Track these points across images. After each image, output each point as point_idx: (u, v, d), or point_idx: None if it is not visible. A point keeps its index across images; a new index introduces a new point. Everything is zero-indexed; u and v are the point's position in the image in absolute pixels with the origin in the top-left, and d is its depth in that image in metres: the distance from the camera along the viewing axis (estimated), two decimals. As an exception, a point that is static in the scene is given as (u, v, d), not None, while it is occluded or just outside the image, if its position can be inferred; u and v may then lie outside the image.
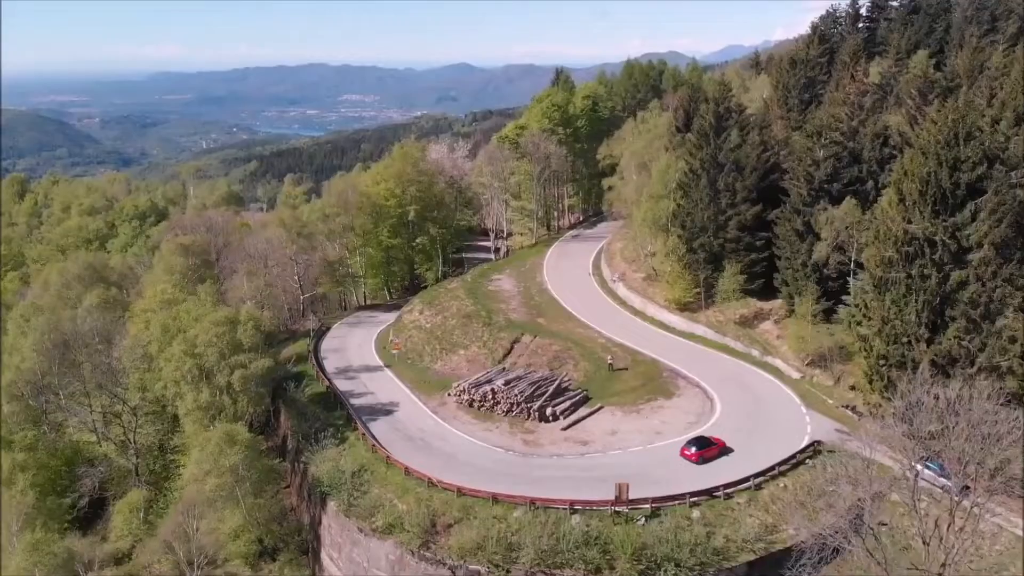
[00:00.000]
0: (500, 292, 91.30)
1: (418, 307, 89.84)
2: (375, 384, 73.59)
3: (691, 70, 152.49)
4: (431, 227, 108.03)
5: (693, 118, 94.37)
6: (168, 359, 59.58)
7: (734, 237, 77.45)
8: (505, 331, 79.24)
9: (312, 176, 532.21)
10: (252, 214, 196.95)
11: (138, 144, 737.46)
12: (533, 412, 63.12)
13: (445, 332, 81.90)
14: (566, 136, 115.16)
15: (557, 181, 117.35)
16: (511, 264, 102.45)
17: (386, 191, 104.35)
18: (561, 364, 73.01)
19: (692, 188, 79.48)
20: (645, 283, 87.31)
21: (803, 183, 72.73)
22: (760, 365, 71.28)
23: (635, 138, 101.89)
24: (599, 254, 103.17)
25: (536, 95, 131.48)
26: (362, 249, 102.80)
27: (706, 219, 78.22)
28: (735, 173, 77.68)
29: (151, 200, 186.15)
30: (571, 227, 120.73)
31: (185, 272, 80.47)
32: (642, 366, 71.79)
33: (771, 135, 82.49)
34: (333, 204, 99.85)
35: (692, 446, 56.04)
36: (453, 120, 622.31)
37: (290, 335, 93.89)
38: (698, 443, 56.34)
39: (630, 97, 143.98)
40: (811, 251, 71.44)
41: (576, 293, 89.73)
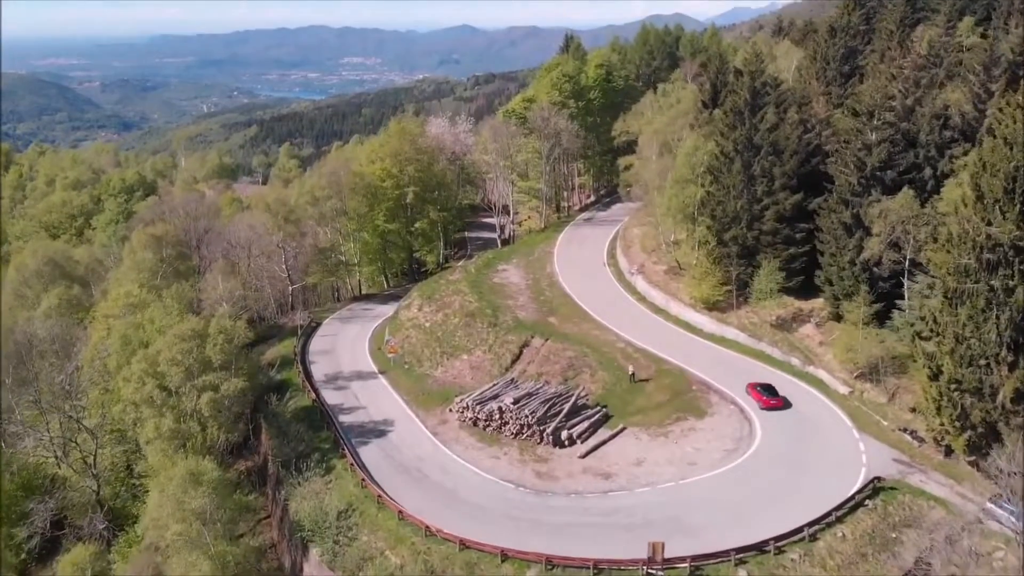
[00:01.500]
0: (507, 285, 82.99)
1: (416, 302, 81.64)
2: (367, 395, 65.79)
3: (709, 36, 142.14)
4: (431, 210, 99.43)
5: (721, 92, 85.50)
6: (126, 379, 51.69)
7: (771, 229, 68.87)
8: (513, 333, 71.18)
9: (312, 142, 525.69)
10: (244, 187, 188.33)
11: (138, 108, 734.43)
12: (546, 436, 55.28)
13: (446, 333, 73.83)
14: (578, 110, 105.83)
15: (567, 158, 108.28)
16: (518, 252, 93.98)
17: (382, 171, 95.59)
18: (576, 374, 65.07)
19: (723, 173, 70.73)
20: (667, 276, 78.91)
21: (852, 170, 63.92)
22: (801, 376, 63.24)
23: (655, 113, 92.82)
24: (614, 240, 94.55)
25: (545, 64, 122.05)
26: (356, 234, 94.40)
27: (739, 208, 69.61)
28: (772, 157, 68.89)
29: (139, 173, 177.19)
30: (583, 209, 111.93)
31: (157, 268, 72.20)
32: (668, 377, 63.78)
33: (811, 113, 73.44)
34: (324, 186, 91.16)
35: (763, 392, 59.48)
36: (455, 83, 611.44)
37: (277, 331, 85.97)
38: (768, 390, 59.73)
39: (645, 65, 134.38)
40: (860, 247, 62.91)
41: (590, 287, 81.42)
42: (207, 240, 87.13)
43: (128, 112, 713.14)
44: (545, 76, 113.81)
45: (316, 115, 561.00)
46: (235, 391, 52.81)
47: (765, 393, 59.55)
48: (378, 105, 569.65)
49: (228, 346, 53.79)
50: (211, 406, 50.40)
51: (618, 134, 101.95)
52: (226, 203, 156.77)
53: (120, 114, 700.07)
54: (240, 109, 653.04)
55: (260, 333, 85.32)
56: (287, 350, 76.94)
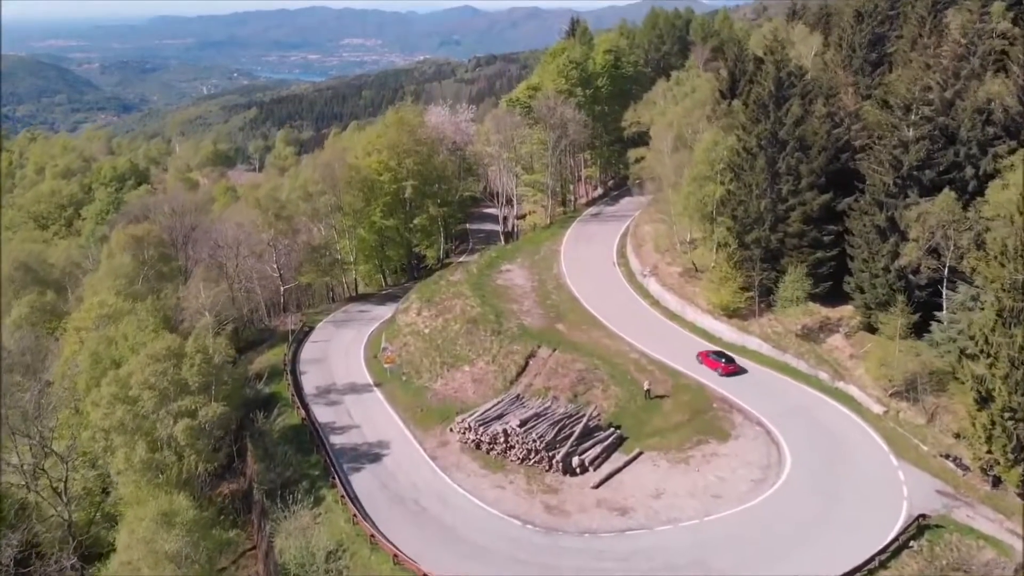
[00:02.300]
0: (511, 288, 78.10)
1: (415, 305, 76.82)
2: (362, 411, 61.11)
3: (721, 20, 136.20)
4: (431, 205, 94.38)
5: (739, 81, 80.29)
6: (95, 403, 46.99)
7: (797, 231, 63.81)
8: (518, 342, 66.37)
9: (312, 124, 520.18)
10: (240, 174, 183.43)
11: (138, 89, 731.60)
12: (556, 463, 50.60)
13: (446, 341, 69.04)
14: (585, 98, 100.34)
15: (573, 149, 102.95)
16: (522, 250, 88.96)
17: (379, 164, 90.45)
18: (587, 388, 60.31)
19: (745, 170, 65.60)
20: (682, 279, 73.96)
21: (887, 169, 58.79)
22: (830, 393, 58.43)
23: (668, 103, 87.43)
24: (624, 238, 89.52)
25: (549, 49, 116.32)
26: (352, 231, 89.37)
27: (762, 208, 64.55)
28: (799, 153, 63.72)
29: (130, 161, 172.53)
30: (590, 203, 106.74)
31: (137, 271, 67.29)
32: (686, 393, 59.00)
33: (839, 105, 68.12)
34: (317, 180, 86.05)
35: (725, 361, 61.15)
36: (456, 65, 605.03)
37: (268, 335, 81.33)
38: (723, 357, 61.67)
39: (654, 50, 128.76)
40: (896, 253, 57.94)
41: (600, 290, 76.51)
42: (194, 238, 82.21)
43: (128, 94, 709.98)
44: (550, 62, 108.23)
45: (316, 97, 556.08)
46: (215, 417, 48.10)
47: (722, 360, 61.33)
48: (378, 87, 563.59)
49: (207, 366, 49.02)
50: (188, 434, 45.71)
51: (628, 124, 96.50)
52: (220, 192, 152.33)
53: (120, 96, 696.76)
54: (240, 91, 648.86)
55: (250, 338, 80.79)
56: (277, 358, 72.22)
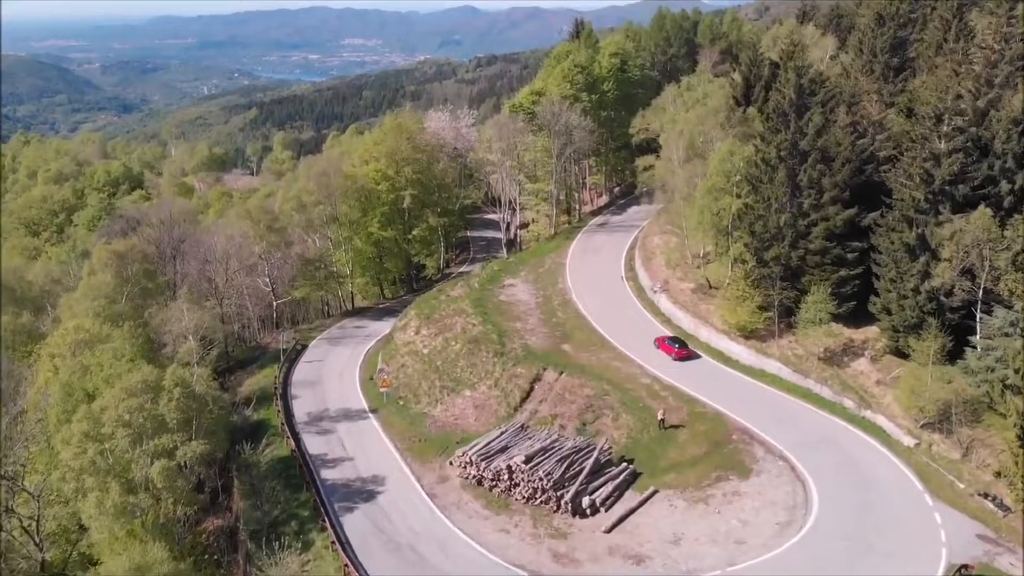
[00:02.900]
0: (514, 304, 74.30)
1: (414, 322, 73.04)
2: (356, 441, 57.36)
3: (730, 21, 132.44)
4: (431, 215, 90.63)
5: (754, 87, 76.50)
6: (66, 441, 43.26)
7: (819, 248, 59.96)
8: (522, 364, 62.60)
9: (313, 124, 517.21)
10: (236, 178, 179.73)
11: (139, 90, 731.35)
12: (565, 504, 46.83)
13: (446, 363, 65.29)
14: (591, 104, 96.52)
15: (578, 156, 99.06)
16: (526, 263, 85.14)
17: (376, 172, 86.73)
18: (596, 416, 56.57)
19: (764, 183, 61.76)
20: (695, 296, 70.16)
21: (917, 183, 54.97)
22: (857, 422, 54.64)
23: (678, 109, 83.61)
24: (632, 249, 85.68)
25: (553, 51, 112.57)
26: (348, 242, 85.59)
27: (782, 223, 60.70)
28: (822, 165, 59.90)
29: (124, 165, 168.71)
30: (596, 212, 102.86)
31: (120, 290, 63.46)
32: (703, 422, 55.20)
33: (862, 114, 64.27)
34: (312, 190, 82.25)
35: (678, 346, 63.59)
36: (457, 65, 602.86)
37: (260, 353, 77.63)
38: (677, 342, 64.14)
39: (661, 52, 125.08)
40: (927, 273, 54.16)
41: (608, 307, 72.68)
42: (183, 251, 78.45)
43: (128, 94, 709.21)
44: (554, 66, 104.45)
45: (316, 98, 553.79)
46: (194, 456, 44.35)
47: (675, 345, 63.79)
48: (379, 87, 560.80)
49: (187, 401, 45.27)
50: (165, 476, 41.99)
51: (636, 131, 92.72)
52: (215, 197, 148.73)
53: (120, 96, 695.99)
54: (240, 91, 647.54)
55: (241, 356, 77.16)
56: (268, 380, 68.43)
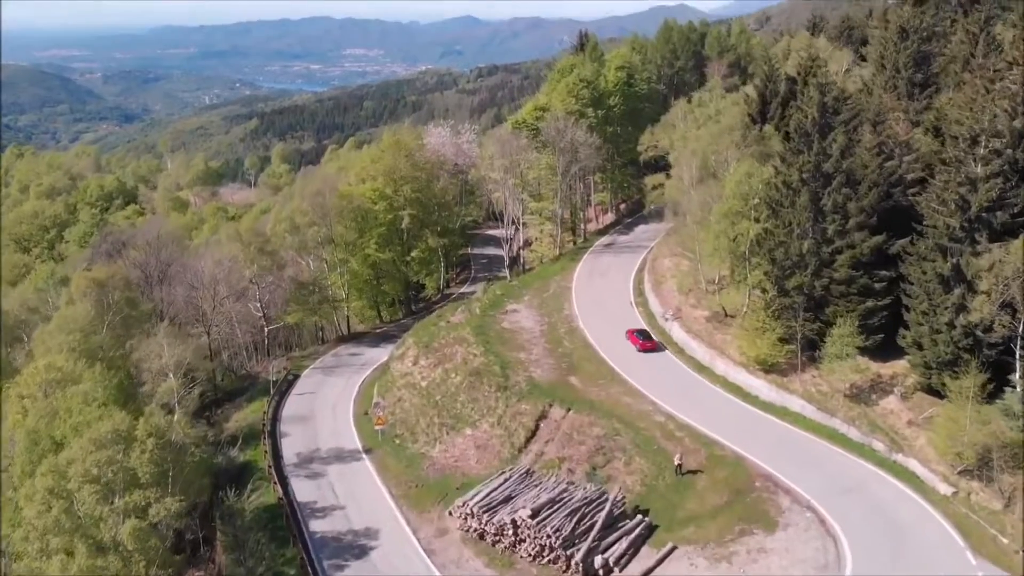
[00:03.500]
0: (518, 332, 70.38)
1: (412, 351, 69.12)
2: (348, 487, 53.39)
3: (739, 34, 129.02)
4: (430, 235, 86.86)
5: (770, 103, 72.79)
6: (29, 497, 39.33)
7: (845, 277, 56.04)
8: (527, 399, 58.69)
9: (314, 135, 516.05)
10: (232, 192, 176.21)
11: (141, 99, 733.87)
12: (575, 564, 42.81)
13: (446, 397, 61.39)
14: (597, 119, 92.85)
15: (584, 172, 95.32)
16: (530, 286, 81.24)
17: (373, 192, 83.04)
18: (607, 460, 52.59)
19: (785, 207, 57.91)
20: (711, 325, 66.20)
21: (952, 210, 51.14)
22: (888, 467, 50.62)
23: (688, 125, 79.94)
24: (641, 272, 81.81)
25: (557, 65, 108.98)
26: (343, 264, 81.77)
27: (805, 250, 56.83)
28: (847, 188, 56.08)
29: (118, 179, 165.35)
30: (602, 231, 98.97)
31: (100, 320, 59.60)
32: (723, 467, 51.19)
33: (888, 134, 60.48)
34: (305, 210, 78.50)
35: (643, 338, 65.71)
36: (458, 75, 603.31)
37: (250, 383, 73.79)
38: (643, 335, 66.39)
39: (667, 65, 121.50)
40: (963, 306, 50.30)
41: (617, 335, 68.65)
42: (170, 275, 74.68)
43: (130, 104, 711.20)
44: (559, 80, 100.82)
45: (317, 108, 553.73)
46: (169, 514, 40.35)
47: (640, 337, 66.12)
48: (380, 97, 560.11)
49: (161, 453, 41.31)
50: (136, 537, 38.04)
51: (644, 148, 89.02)
52: (210, 213, 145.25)
53: (122, 106, 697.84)
54: (242, 101, 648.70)
55: (229, 387, 73.30)
56: (256, 414, 64.51)
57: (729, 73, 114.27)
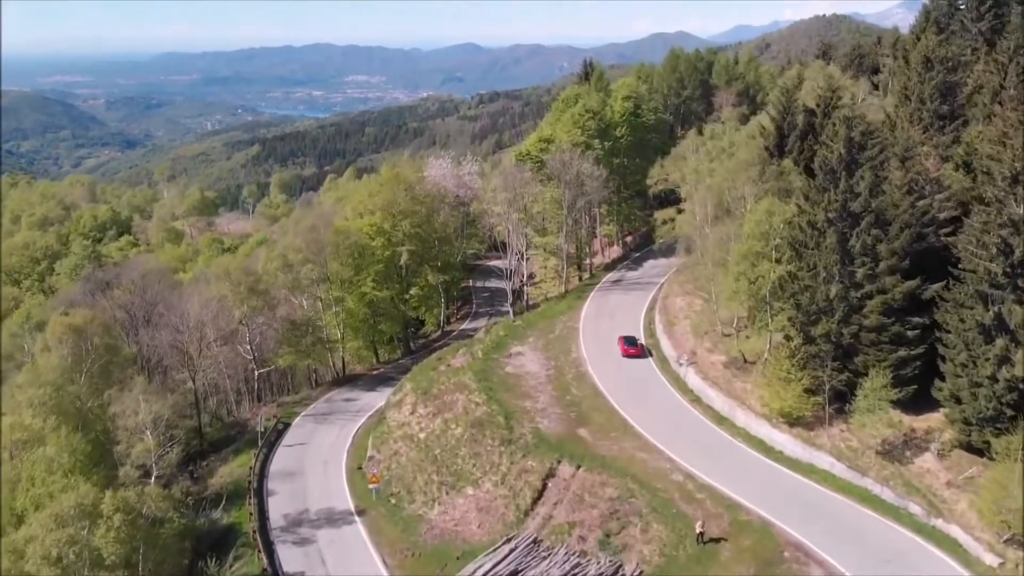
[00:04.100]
0: (522, 377, 66.28)
1: (409, 398, 64.96)
2: (339, 555, 49.00)
3: (747, 62, 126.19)
4: (430, 272, 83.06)
5: (788, 136, 69.29)
6: (-22, 582, 35.24)
7: (875, 324, 52.07)
8: (533, 455, 54.44)
9: (315, 161, 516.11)
10: (228, 223, 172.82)
11: (143, 125, 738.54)
12: (589, 655, 38.46)
13: (446, 451, 57.16)
14: (603, 151, 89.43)
15: (590, 205, 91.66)
16: (535, 327, 77.23)
17: (371, 227, 79.36)
18: (622, 526, 48.23)
19: (810, 249, 54.08)
20: (729, 372, 62.07)
21: (994, 254, 47.29)
22: (927, 534, 46.27)
23: (700, 158, 76.43)
24: (652, 310, 77.95)
25: (562, 95, 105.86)
26: (339, 303, 77.85)
27: (832, 296, 52.93)
28: (876, 229, 52.28)
29: (112, 209, 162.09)
30: (609, 266, 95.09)
31: (78, 368, 55.60)
32: (748, 533, 46.87)
33: (918, 170, 56.81)
34: (299, 247, 74.76)
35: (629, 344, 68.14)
36: (459, 102, 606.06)
37: (239, 431, 69.58)
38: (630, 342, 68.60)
39: (674, 94, 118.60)
40: (1006, 358, 46.30)
41: (628, 381, 64.68)
42: (156, 315, 70.77)
43: (132, 129, 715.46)
44: (563, 110, 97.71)
45: (319, 134, 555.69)
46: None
47: (627, 343, 68.60)
48: (381, 124, 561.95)
49: (130, 530, 37.12)
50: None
51: (655, 182, 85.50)
52: (205, 244, 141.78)
53: (124, 132, 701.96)
54: (244, 127, 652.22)
55: (214, 437, 69.09)
56: (243, 468, 60.26)
57: (738, 102, 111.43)
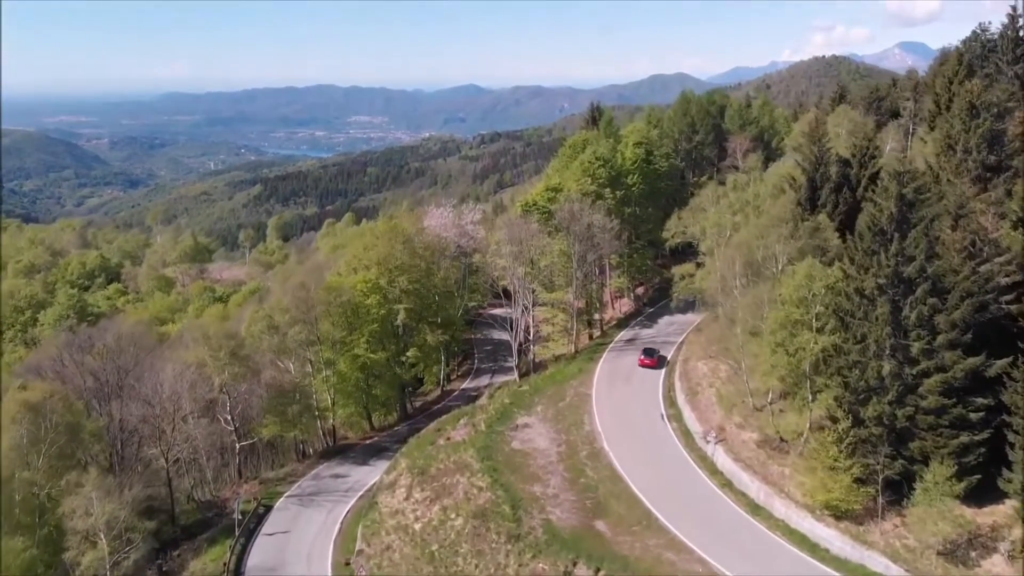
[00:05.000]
0: (530, 455, 59.62)
1: (404, 480, 58.27)
2: None
3: (761, 106, 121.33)
4: (428, 331, 76.86)
5: (821, 188, 63.50)
6: None
7: (934, 406, 45.73)
8: (545, 555, 47.70)
9: (316, 201, 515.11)
10: (222, 269, 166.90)
11: (146, 165, 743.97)
12: None
13: (444, 547, 50.39)
14: (615, 201, 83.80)
15: (600, 257, 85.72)
16: (543, 393, 70.74)
17: (365, 283, 73.33)
18: (650, 649, 41.36)
19: (858, 319, 47.90)
20: (763, 452, 55.36)
21: (1076, 328, 41.17)
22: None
23: (722, 211, 70.69)
24: (671, 374, 71.56)
25: (569, 140, 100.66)
26: (329, 366, 71.52)
27: (885, 373, 46.63)
28: (933, 298, 46.14)
29: (101, 256, 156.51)
30: (622, 322, 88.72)
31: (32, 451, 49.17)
32: (797, 660, 39.98)
33: (973, 228, 50.85)
34: (286, 307, 68.65)
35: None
36: (461, 142, 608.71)
37: (215, 514, 62.77)
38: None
39: (685, 139, 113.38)
40: (1092, 449, 39.91)
41: (650, 461, 57.99)
42: (129, 383, 64.37)
43: (135, 169, 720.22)
44: (571, 156, 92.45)
45: (321, 174, 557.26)
46: None
47: (644, 355, 72.68)
48: (384, 164, 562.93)
49: None
50: None
51: (672, 235, 79.68)
52: (196, 292, 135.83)
53: (127, 171, 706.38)
54: (246, 167, 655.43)
55: (188, 522, 62.26)
56: (217, 562, 53.35)
57: (752, 147, 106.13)
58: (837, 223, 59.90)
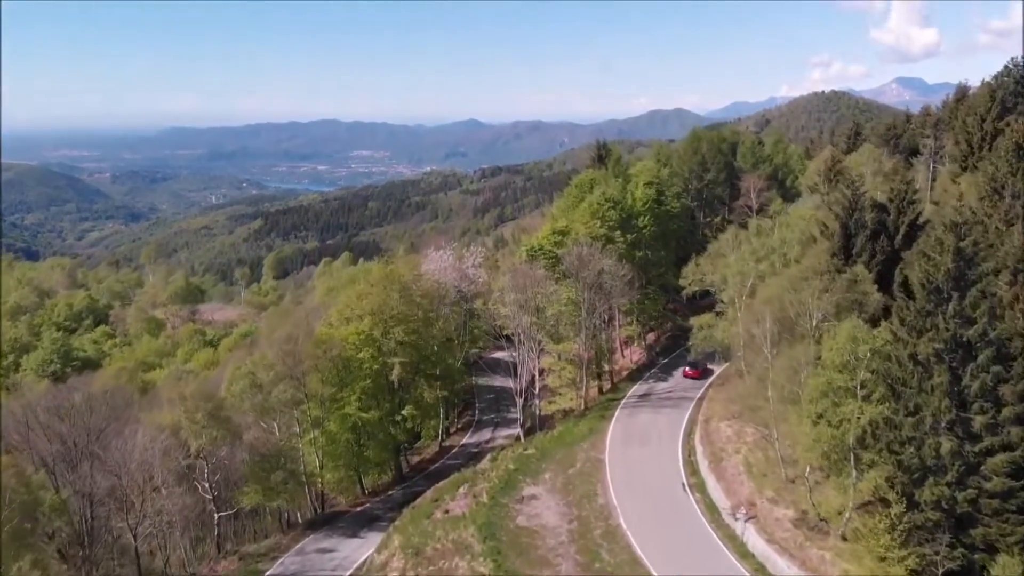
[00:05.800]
0: (538, 533, 53.57)
1: (396, 562, 52.18)
2: None
3: (775, 144, 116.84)
4: (426, 387, 71.22)
5: (856, 236, 58.23)
6: None
7: (999, 488, 39.98)
8: (556, 659, 41.58)
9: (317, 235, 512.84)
10: (214, 310, 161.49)
11: (148, 199, 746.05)
12: None
13: (443, 647, 44.28)
14: (626, 245, 78.71)
15: (610, 304, 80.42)
16: (551, 457, 64.85)
17: (358, 335, 67.90)
18: None
19: (911, 388, 42.32)
20: (800, 533, 49.26)
21: None
22: None
23: (745, 258, 65.42)
24: (690, 436, 65.80)
25: (575, 180, 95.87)
26: (317, 426, 65.80)
27: (944, 452, 40.92)
28: (997, 366, 40.61)
29: (90, 296, 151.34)
30: (633, 374, 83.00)
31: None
32: None
33: (1032, 282, 45.58)
34: (271, 363, 63.11)
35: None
36: (462, 176, 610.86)
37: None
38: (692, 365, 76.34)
39: (696, 178, 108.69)
40: None
41: (672, 541, 51.88)
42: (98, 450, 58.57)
43: (137, 203, 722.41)
44: (577, 196, 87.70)
45: (322, 208, 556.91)
46: None
47: (689, 367, 76.95)
48: (385, 198, 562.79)
49: None
50: None
51: (689, 283, 74.40)
52: (186, 335, 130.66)
53: (129, 205, 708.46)
54: (248, 201, 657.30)
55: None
56: (185, 661, 47.29)
57: (766, 187, 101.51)
58: (875, 275, 54.62)
